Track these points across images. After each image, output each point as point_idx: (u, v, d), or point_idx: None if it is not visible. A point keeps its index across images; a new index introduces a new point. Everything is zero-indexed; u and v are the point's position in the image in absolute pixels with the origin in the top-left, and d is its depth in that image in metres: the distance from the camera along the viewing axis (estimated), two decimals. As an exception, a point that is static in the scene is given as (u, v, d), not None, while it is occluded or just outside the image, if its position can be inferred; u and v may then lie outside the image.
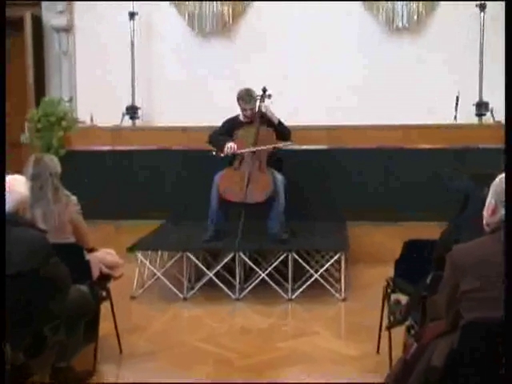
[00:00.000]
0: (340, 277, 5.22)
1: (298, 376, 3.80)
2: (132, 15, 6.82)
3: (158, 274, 5.31)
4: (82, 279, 3.56)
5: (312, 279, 5.17)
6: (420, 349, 2.62)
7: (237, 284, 5.17)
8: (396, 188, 6.19)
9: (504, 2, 3.92)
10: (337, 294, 5.13)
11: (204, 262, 5.50)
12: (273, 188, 5.35)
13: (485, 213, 2.62)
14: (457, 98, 6.29)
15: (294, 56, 6.84)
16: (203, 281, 5.26)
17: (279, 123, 5.63)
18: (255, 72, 6.59)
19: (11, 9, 5.66)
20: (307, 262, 5.38)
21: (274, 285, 5.17)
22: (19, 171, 3.61)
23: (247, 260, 5.28)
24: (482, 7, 6.37)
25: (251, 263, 5.29)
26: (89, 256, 3.85)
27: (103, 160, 6.49)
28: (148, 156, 6.48)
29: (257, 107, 5.64)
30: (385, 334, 3.77)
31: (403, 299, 3.65)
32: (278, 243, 5.28)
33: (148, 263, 5.40)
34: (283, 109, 5.77)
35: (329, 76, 6.74)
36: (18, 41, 7.09)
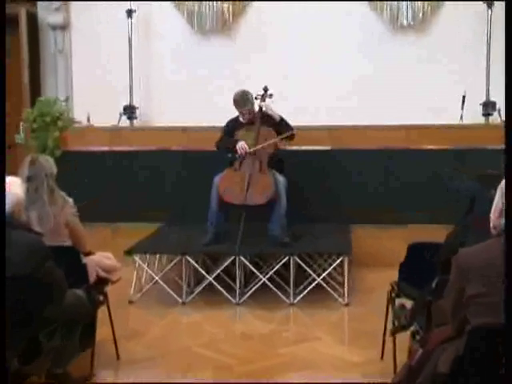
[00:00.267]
0: (343, 281, 5.22)
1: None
2: (130, 13, 6.82)
3: (157, 278, 5.31)
4: (79, 283, 3.56)
5: (314, 283, 5.17)
6: (425, 355, 2.62)
7: (237, 288, 5.17)
8: (400, 190, 6.17)
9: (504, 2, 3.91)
10: (340, 299, 5.13)
11: (203, 266, 5.50)
12: (274, 190, 5.35)
13: (492, 215, 2.62)
14: (463, 98, 6.28)
15: (295, 55, 6.83)
16: (203, 285, 5.26)
17: (281, 120, 5.62)
18: (255, 71, 6.59)
19: (6, 6, 5.66)
20: (309, 266, 5.37)
21: (276, 289, 5.17)
22: (14, 172, 3.61)
23: (248, 264, 5.26)
24: (490, 4, 6.37)
25: (252, 267, 5.28)
26: (85, 259, 3.86)
27: (100, 161, 6.49)
28: (146, 157, 6.47)
29: (256, 107, 5.64)
30: (389, 340, 3.77)
31: (408, 304, 3.65)
32: (280, 246, 5.28)
33: (146, 267, 5.40)
34: (284, 109, 5.76)
35: (330, 75, 6.73)
36: (13, 39, 7.06)
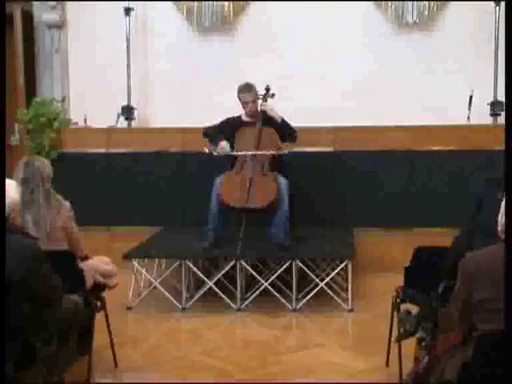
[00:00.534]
0: (347, 286, 5.20)
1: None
2: (128, 11, 6.83)
3: (155, 283, 5.31)
4: (75, 289, 3.55)
5: (317, 288, 5.17)
6: (432, 362, 2.62)
7: (238, 293, 5.16)
8: (405, 192, 6.17)
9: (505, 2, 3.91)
10: (343, 304, 5.12)
11: (203, 271, 5.48)
12: (276, 192, 5.33)
13: (499, 219, 2.61)
14: (470, 97, 6.28)
15: (298, 54, 6.83)
16: (203, 290, 5.26)
17: (283, 121, 5.61)
18: (257, 71, 6.58)
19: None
20: (312, 271, 5.37)
21: (277, 294, 5.17)
22: (9, 175, 3.60)
23: (249, 268, 5.26)
24: (498, 1, 6.35)
25: (253, 271, 5.28)
26: (82, 264, 3.85)
27: (97, 162, 6.49)
28: (144, 158, 6.48)
29: (259, 105, 5.63)
30: (394, 347, 3.77)
31: (413, 309, 3.65)
32: (281, 250, 5.26)
33: (144, 271, 5.39)
34: (286, 109, 5.75)
35: (334, 75, 6.73)
36: (8, 38, 7.08)
